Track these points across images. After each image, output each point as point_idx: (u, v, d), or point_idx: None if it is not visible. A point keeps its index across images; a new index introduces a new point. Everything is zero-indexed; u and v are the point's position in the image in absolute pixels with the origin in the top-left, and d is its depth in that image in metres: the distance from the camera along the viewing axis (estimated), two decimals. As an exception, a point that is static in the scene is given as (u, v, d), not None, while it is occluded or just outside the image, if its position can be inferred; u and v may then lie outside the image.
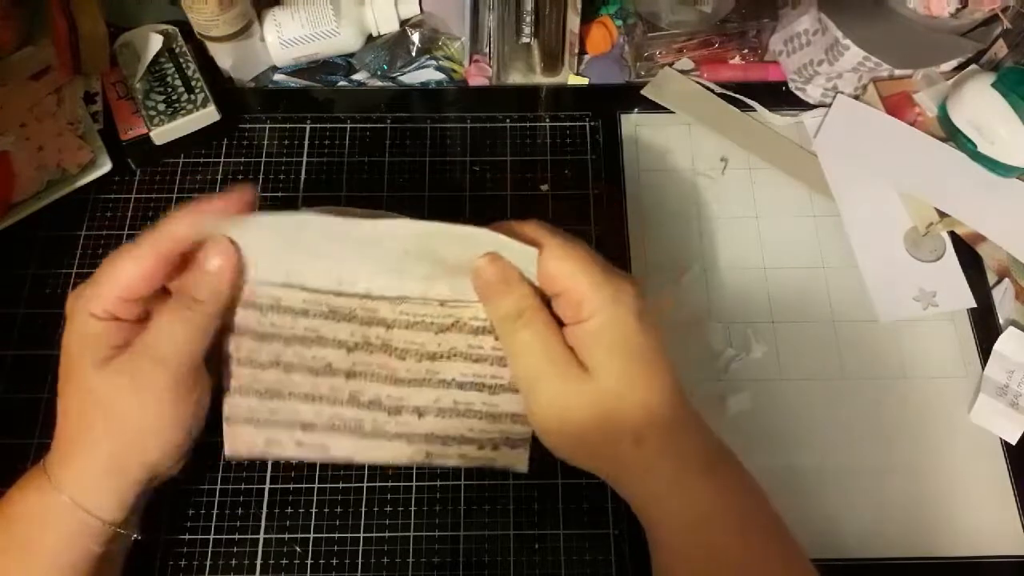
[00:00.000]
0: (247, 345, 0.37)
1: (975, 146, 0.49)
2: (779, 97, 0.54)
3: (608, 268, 0.35)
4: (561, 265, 0.34)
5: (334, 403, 0.37)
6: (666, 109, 0.54)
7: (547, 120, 0.54)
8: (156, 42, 0.51)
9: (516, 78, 0.56)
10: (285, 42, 0.53)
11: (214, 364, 0.37)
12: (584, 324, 0.34)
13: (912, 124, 0.52)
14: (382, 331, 0.37)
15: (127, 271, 0.34)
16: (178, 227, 0.34)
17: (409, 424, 0.38)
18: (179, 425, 0.35)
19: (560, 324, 0.35)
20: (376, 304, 0.36)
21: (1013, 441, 0.44)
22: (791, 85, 0.55)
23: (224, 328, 0.36)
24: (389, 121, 0.53)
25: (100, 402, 0.34)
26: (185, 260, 0.35)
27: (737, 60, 0.56)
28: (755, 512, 0.35)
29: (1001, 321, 0.48)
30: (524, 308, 0.35)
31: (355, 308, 0.36)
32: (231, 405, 0.37)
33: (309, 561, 0.41)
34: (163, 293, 0.36)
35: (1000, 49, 0.51)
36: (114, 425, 0.34)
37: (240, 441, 0.38)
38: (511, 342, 0.35)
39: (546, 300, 0.36)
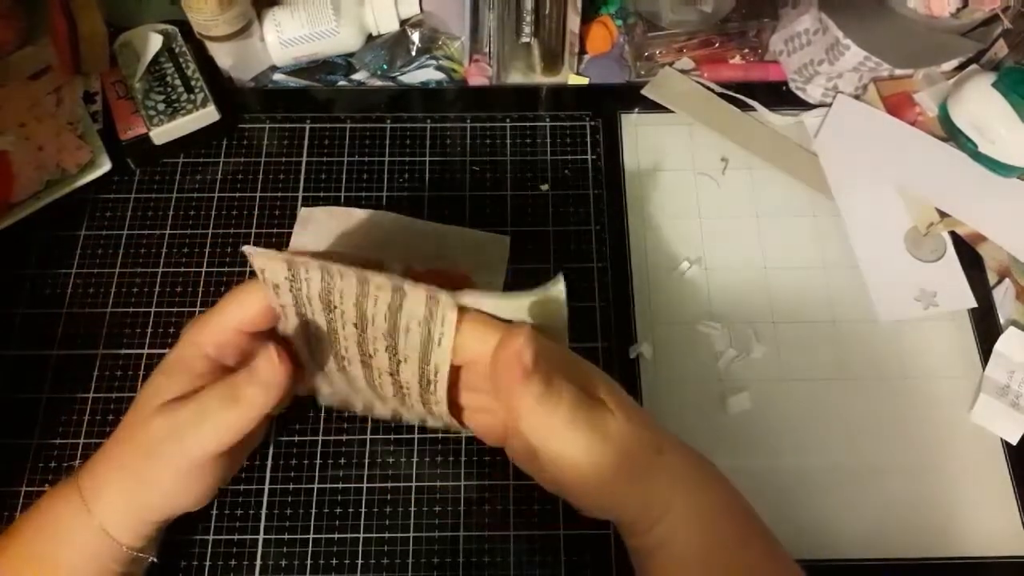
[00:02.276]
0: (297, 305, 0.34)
1: (976, 146, 0.49)
2: (779, 97, 0.54)
3: (488, 323, 0.32)
4: (538, 425, 0.32)
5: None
6: (666, 109, 0.54)
7: (547, 120, 0.54)
8: (156, 42, 0.51)
9: (516, 78, 0.56)
10: (285, 42, 0.53)
11: None
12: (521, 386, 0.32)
13: (912, 124, 0.52)
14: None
15: (252, 301, 0.34)
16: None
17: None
18: (190, 495, 0.35)
19: None
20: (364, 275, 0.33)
21: (1014, 441, 0.44)
22: (791, 85, 0.55)
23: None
24: (389, 121, 0.53)
25: (137, 441, 0.34)
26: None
27: (737, 60, 0.56)
28: (748, 516, 0.35)
29: (1002, 321, 0.47)
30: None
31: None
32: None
33: (309, 561, 0.41)
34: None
35: (1000, 49, 0.51)
36: (136, 467, 0.34)
37: (266, 263, 0.33)
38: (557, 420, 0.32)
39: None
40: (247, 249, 0.32)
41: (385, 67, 0.55)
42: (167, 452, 0.33)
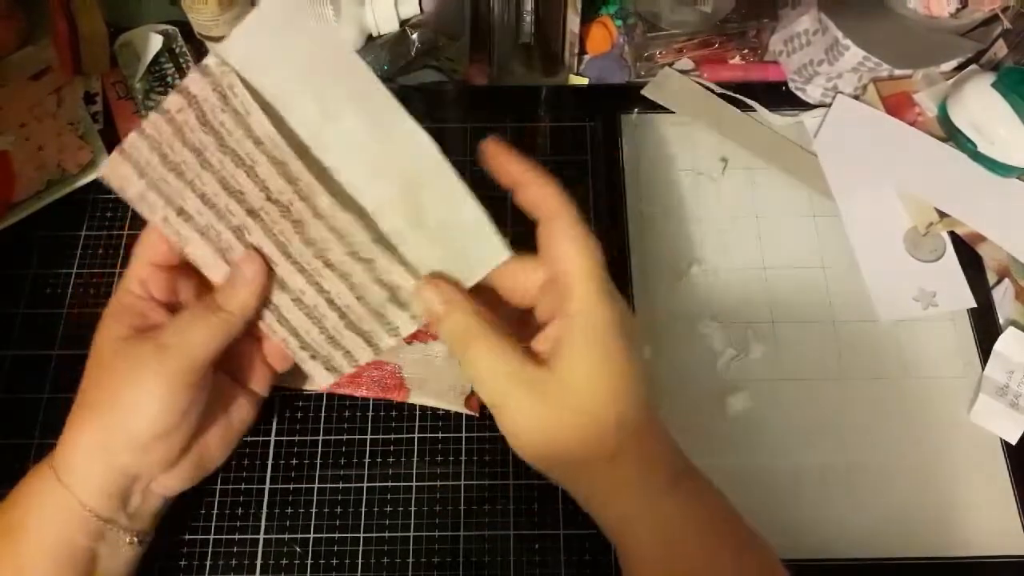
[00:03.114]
0: (189, 119, 0.35)
1: (975, 146, 0.49)
2: (779, 97, 0.54)
3: (606, 272, 0.33)
4: (572, 247, 0.33)
5: (219, 217, 0.36)
6: (666, 109, 0.54)
7: (547, 120, 0.54)
8: (156, 42, 0.51)
9: (516, 78, 0.56)
10: (285, 42, 0.53)
11: None
12: (568, 319, 0.32)
13: (912, 124, 0.52)
14: (305, 211, 0.35)
15: (156, 239, 0.36)
16: None
17: (282, 304, 0.37)
18: (170, 411, 0.34)
19: (524, 319, 0.35)
20: (320, 189, 0.34)
21: (1013, 441, 0.44)
22: (791, 85, 0.55)
23: (184, 93, 0.35)
24: (389, 121, 0.53)
25: (101, 376, 0.35)
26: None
27: (737, 60, 0.56)
28: (719, 524, 0.34)
29: (1001, 321, 0.48)
30: (470, 331, 0.33)
31: (301, 177, 0.34)
32: (131, 140, 0.36)
33: (309, 561, 0.41)
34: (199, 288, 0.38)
35: (1000, 49, 0.51)
36: (107, 398, 0.34)
37: (118, 174, 0.37)
38: (467, 367, 0.34)
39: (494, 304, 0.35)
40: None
41: (385, 68, 0.55)
42: (152, 363, 0.34)
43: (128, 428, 0.34)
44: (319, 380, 0.39)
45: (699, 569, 0.32)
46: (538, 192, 0.34)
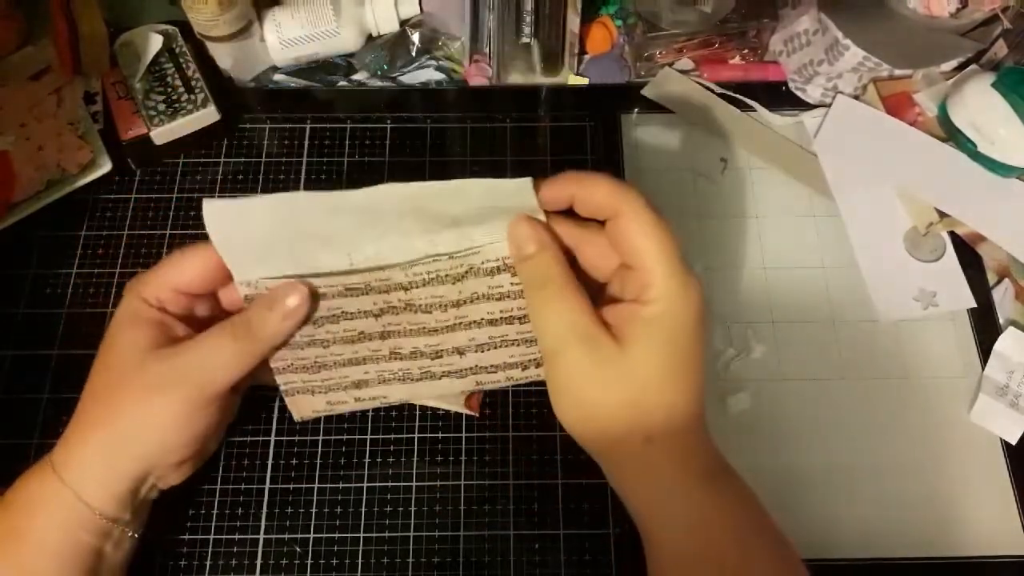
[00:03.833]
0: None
1: (975, 146, 0.49)
2: (779, 97, 0.54)
3: (682, 258, 0.33)
4: (645, 242, 0.32)
5: (378, 361, 0.38)
6: (666, 109, 0.54)
7: (547, 120, 0.54)
8: (156, 42, 0.51)
9: (516, 78, 0.56)
10: (285, 42, 0.53)
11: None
12: (643, 307, 0.32)
13: (912, 124, 0.52)
14: (401, 294, 0.37)
15: (191, 264, 0.35)
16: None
17: (453, 363, 0.38)
18: (183, 433, 0.35)
19: (597, 293, 0.35)
20: (388, 273, 0.36)
21: (1013, 441, 0.44)
22: (791, 85, 0.55)
23: None
24: (389, 121, 0.53)
25: (118, 387, 0.34)
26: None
27: (737, 60, 0.56)
28: (752, 521, 0.34)
29: (1001, 321, 0.48)
30: (551, 275, 0.33)
31: (369, 281, 0.36)
32: (285, 382, 0.38)
33: (309, 561, 0.41)
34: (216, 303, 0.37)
35: (1000, 49, 0.51)
36: (121, 412, 0.34)
37: (305, 407, 0.39)
38: (539, 307, 0.34)
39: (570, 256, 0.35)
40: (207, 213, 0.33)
41: (385, 67, 0.56)
42: (170, 389, 0.33)
43: (140, 444, 0.34)
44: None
45: (731, 560, 0.32)
46: (589, 197, 0.34)
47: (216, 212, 0.33)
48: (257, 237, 0.34)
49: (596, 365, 0.32)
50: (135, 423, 0.34)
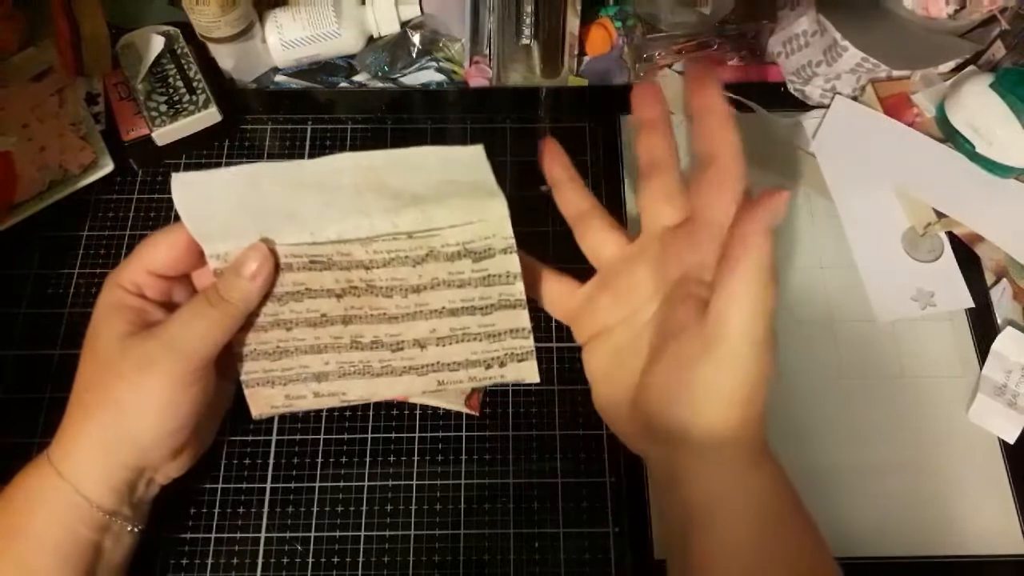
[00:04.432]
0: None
1: (973, 147, 0.49)
2: (778, 98, 0.55)
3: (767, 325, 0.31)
4: (734, 306, 0.31)
5: (339, 350, 0.38)
6: (665, 110, 0.54)
7: (547, 121, 0.54)
8: (158, 43, 0.52)
9: (516, 79, 0.56)
10: (286, 43, 0.53)
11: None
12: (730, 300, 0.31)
13: (910, 125, 0.52)
14: (363, 273, 0.37)
15: (161, 248, 0.35)
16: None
17: (414, 357, 0.38)
18: (174, 413, 0.35)
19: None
20: (349, 248, 0.36)
21: (1011, 441, 0.44)
22: (790, 86, 0.55)
23: None
24: (390, 122, 0.54)
25: (105, 375, 0.34)
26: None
27: (736, 61, 0.56)
28: (798, 504, 0.34)
29: (999, 321, 0.48)
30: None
31: (332, 255, 0.36)
32: (246, 371, 0.38)
33: (310, 560, 0.41)
34: (193, 288, 0.38)
35: (998, 50, 0.52)
36: (111, 399, 0.34)
37: (262, 402, 0.38)
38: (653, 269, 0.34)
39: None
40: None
41: (386, 69, 0.56)
42: (157, 365, 0.34)
43: (134, 430, 0.34)
44: (529, 375, 0.38)
45: (791, 548, 0.32)
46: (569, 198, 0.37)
47: (183, 185, 0.34)
48: (224, 209, 0.34)
49: (702, 350, 0.31)
50: (124, 408, 0.34)
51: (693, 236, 0.34)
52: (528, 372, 0.38)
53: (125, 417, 0.34)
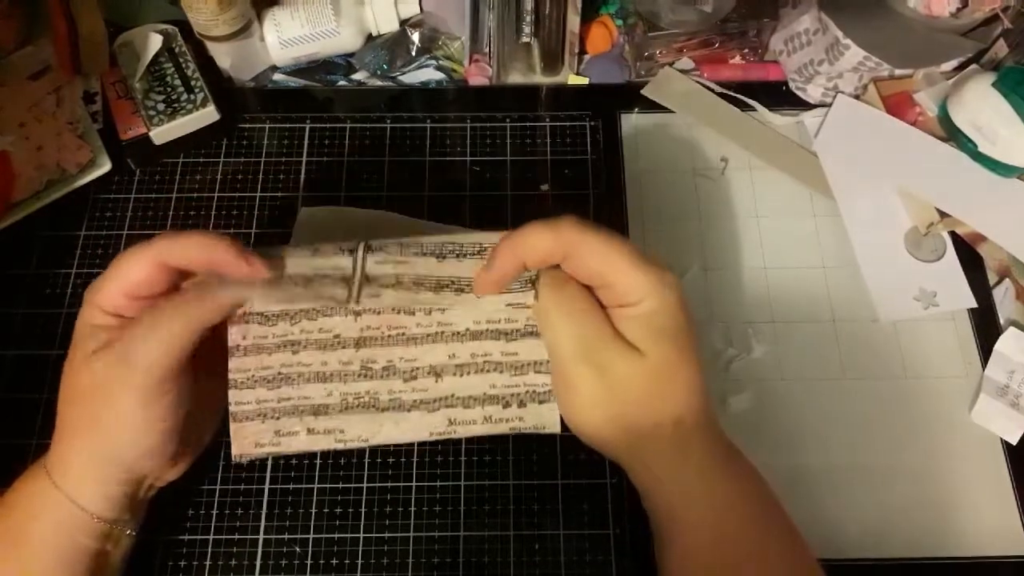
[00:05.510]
0: (255, 331, 0.36)
1: (976, 146, 0.49)
2: (779, 97, 0.54)
3: (650, 256, 0.34)
4: (604, 259, 0.33)
5: (345, 378, 0.36)
6: (666, 109, 0.54)
7: (547, 120, 0.54)
8: (156, 42, 0.51)
9: (516, 78, 0.56)
10: (285, 42, 0.53)
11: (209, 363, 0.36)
12: (632, 308, 0.33)
13: (913, 124, 0.52)
14: (388, 287, 0.36)
15: (136, 267, 0.34)
16: (186, 251, 0.34)
17: (427, 389, 0.36)
18: (148, 429, 0.34)
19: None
20: (379, 267, 0.36)
21: (1014, 441, 0.44)
22: (791, 85, 0.55)
23: (226, 321, 0.35)
24: (389, 121, 0.53)
25: (82, 394, 0.34)
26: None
27: (737, 60, 0.56)
28: (767, 500, 0.36)
29: (1002, 321, 0.47)
30: (568, 280, 0.35)
31: (358, 267, 0.36)
32: (237, 401, 0.36)
33: (309, 561, 0.41)
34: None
35: (1001, 49, 0.51)
36: (90, 419, 0.34)
37: (248, 439, 0.36)
38: (556, 313, 0.34)
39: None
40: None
41: (385, 67, 0.55)
42: (119, 381, 0.33)
43: (115, 448, 0.34)
44: (550, 423, 0.38)
45: (745, 540, 0.34)
46: (532, 255, 0.34)
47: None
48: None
49: (625, 363, 0.33)
50: (102, 427, 0.34)
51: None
52: (549, 419, 0.37)
53: (105, 436, 0.34)
